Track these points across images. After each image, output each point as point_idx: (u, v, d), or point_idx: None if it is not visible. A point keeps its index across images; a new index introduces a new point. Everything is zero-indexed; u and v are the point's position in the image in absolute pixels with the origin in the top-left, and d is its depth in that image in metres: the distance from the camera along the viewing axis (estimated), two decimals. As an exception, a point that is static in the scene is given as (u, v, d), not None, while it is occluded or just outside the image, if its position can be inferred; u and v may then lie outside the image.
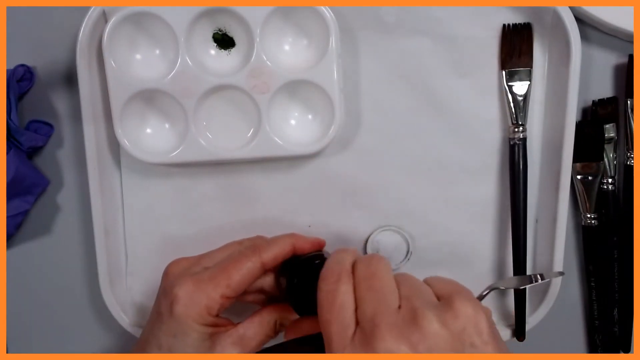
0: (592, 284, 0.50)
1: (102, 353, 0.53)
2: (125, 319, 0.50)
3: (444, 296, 0.32)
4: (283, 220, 0.50)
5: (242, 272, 0.38)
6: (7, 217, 0.48)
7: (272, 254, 0.39)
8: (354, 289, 0.32)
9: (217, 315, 0.38)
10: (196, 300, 0.36)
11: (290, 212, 0.50)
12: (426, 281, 0.34)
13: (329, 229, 0.50)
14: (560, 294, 0.48)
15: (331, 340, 0.31)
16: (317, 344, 0.34)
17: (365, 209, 0.50)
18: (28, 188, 0.49)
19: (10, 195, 0.48)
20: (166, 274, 0.40)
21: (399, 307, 0.30)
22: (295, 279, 0.39)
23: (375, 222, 0.50)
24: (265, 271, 0.40)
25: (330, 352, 0.31)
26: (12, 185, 0.47)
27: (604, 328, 0.50)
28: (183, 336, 0.36)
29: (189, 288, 0.37)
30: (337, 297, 0.31)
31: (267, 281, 0.41)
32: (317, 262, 0.40)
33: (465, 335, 0.29)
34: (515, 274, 0.48)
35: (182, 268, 0.40)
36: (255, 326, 0.39)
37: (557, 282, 0.48)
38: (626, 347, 0.50)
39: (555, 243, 0.47)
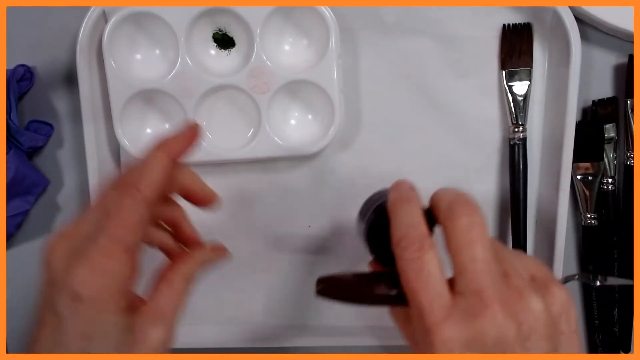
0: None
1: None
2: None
3: (537, 278, 0.30)
4: (283, 220, 0.50)
5: (130, 225, 0.30)
6: (7, 217, 0.48)
7: (152, 183, 0.31)
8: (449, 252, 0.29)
9: (130, 294, 0.31)
10: (103, 285, 0.29)
11: (290, 212, 0.50)
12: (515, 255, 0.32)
13: (329, 229, 0.50)
14: (560, 294, 0.48)
15: (423, 310, 0.28)
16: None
17: (365, 209, 0.50)
18: (28, 188, 0.49)
19: (10, 195, 0.48)
20: (48, 264, 0.30)
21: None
22: (371, 230, 0.34)
23: (375, 222, 0.50)
24: (152, 206, 0.31)
25: (423, 322, 0.28)
26: (12, 185, 0.47)
27: (604, 328, 0.50)
28: (100, 335, 0.29)
29: (88, 274, 0.29)
30: (424, 266, 0.29)
31: (164, 237, 0.37)
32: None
33: (560, 321, 0.29)
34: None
35: (65, 251, 0.30)
36: (165, 294, 0.33)
37: (557, 282, 0.48)
38: (626, 347, 0.50)
39: (555, 243, 0.47)
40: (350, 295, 0.32)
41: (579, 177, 0.48)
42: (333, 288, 0.32)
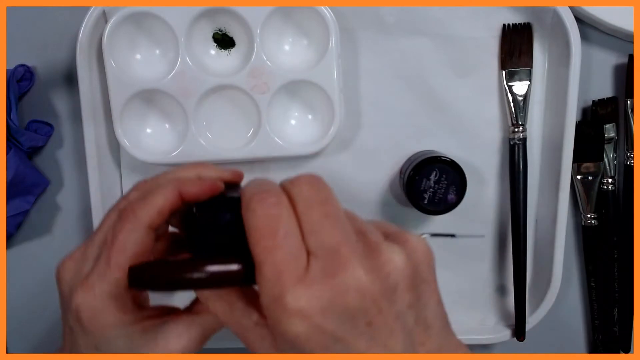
0: (592, 284, 0.50)
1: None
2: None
3: (391, 234, 0.28)
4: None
5: (127, 250, 0.29)
6: (7, 217, 0.48)
7: (152, 210, 0.30)
8: (296, 216, 0.26)
9: (138, 309, 0.31)
10: (101, 307, 0.29)
11: (290, 212, 0.50)
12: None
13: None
14: (560, 294, 0.48)
15: (279, 271, 0.25)
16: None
17: (366, 209, 0.50)
18: (28, 188, 0.49)
19: (10, 195, 0.48)
20: (59, 281, 0.32)
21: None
22: (196, 209, 0.29)
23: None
24: (155, 230, 0.30)
25: (276, 285, 0.25)
26: (12, 185, 0.47)
27: (604, 328, 0.50)
28: (108, 345, 0.30)
29: (87, 296, 0.29)
30: (281, 223, 0.26)
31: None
32: (229, 196, 0.30)
33: (421, 269, 0.27)
34: (515, 273, 0.48)
35: (73, 271, 0.31)
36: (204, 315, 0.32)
37: (557, 282, 0.48)
38: (626, 347, 0.50)
39: (555, 243, 0.47)
40: (171, 278, 0.28)
41: (579, 177, 0.48)
42: (152, 273, 0.28)
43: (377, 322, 0.25)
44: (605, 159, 0.48)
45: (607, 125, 0.48)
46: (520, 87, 0.47)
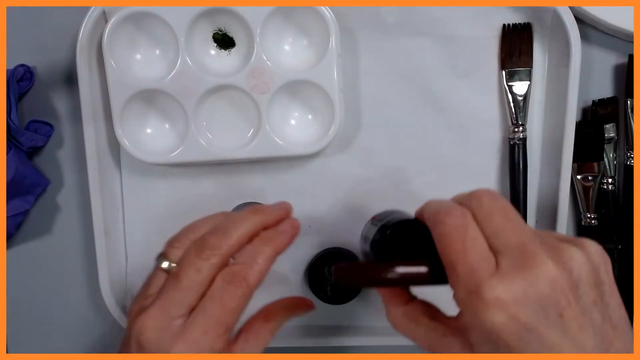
0: (592, 284, 0.50)
1: (102, 353, 0.53)
2: (125, 319, 0.50)
3: (566, 239, 0.30)
4: (283, 220, 0.50)
5: (234, 311, 0.33)
6: (7, 217, 0.48)
7: (259, 276, 0.34)
8: (479, 225, 0.29)
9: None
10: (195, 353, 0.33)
11: (290, 212, 0.50)
12: None
13: (329, 229, 0.50)
14: (560, 294, 0.48)
15: (473, 268, 0.27)
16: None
17: (366, 209, 0.50)
18: (28, 188, 0.49)
19: (10, 195, 0.48)
20: (141, 346, 0.33)
21: None
22: (385, 244, 0.34)
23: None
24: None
25: (471, 280, 0.27)
26: (12, 185, 0.47)
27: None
28: None
29: (186, 348, 0.32)
30: (469, 231, 0.28)
31: None
32: (395, 222, 0.36)
33: (600, 271, 0.28)
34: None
35: (156, 331, 0.33)
36: (252, 343, 0.36)
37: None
38: (626, 347, 0.50)
39: (555, 243, 0.47)
40: (369, 277, 0.32)
41: (579, 177, 0.48)
42: (354, 272, 0.32)
43: (567, 314, 0.26)
44: (605, 159, 0.48)
45: (607, 125, 0.48)
46: (520, 87, 0.47)
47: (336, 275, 0.32)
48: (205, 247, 0.34)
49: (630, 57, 0.47)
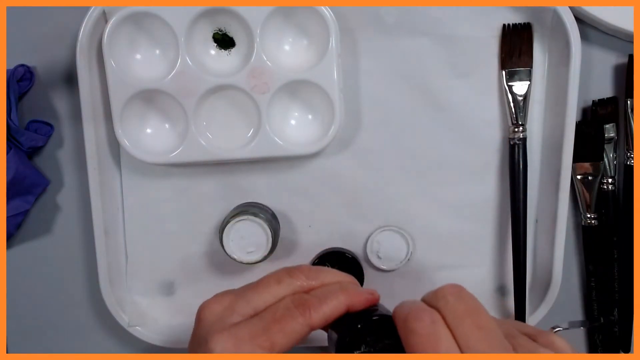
0: (592, 284, 0.50)
1: (102, 353, 0.53)
2: (125, 319, 0.50)
3: (532, 335, 0.31)
4: (283, 220, 0.50)
5: (288, 335, 0.33)
6: (7, 217, 0.48)
7: (323, 316, 0.34)
8: (449, 328, 0.29)
9: None
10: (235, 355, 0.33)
11: (290, 212, 0.50)
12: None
13: (329, 229, 0.50)
14: (560, 294, 0.48)
15: None
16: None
17: (366, 209, 0.50)
18: (28, 188, 0.49)
19: (10, 195, 0.48)
20: (199, 320, 0.36)
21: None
22: (348, 338, 0.34)
23: (376, 222, 0.50)
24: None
25: None
26: (12, 185, 0.47)
27: (604, 328, 0.50)
28: None
29: (227, 346, 0.33)
30: (441, 341, 0.28)
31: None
32: (375, 317, 0.35)
33: None
34: (515, 274, 0.48)
35: (216, 315, 0.35)
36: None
37: (557, 282, 0.48)
38: (626, 347, 0.50)
39: (555, 243, 0.47)
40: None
41: (579, 177, 0.48)
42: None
43: None
44: (605, 159, 0.48)
45: (607, 125, 0.48)
46: (520, 87, 0.47)
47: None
48: (297, 270, 0.37)
49: (630, 57, 0.47)
